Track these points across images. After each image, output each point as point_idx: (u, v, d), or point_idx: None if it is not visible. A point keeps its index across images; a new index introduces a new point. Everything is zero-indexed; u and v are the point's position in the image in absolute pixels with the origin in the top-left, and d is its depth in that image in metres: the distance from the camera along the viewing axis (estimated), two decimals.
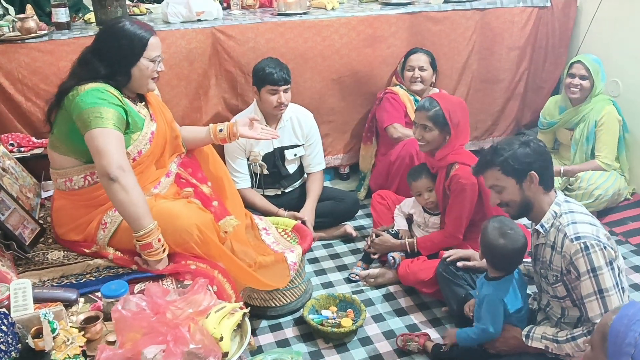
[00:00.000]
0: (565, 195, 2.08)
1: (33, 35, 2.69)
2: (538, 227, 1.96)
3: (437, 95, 2.65)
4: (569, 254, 1.82)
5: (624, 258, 2.83)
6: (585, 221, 1.87)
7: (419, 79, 3.19)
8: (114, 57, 1.97)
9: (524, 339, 1.97)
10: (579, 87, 3.12)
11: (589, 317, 1.82)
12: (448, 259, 2.37)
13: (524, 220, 2.12)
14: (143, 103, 2.14)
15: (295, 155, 3.01)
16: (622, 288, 1.84)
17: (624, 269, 1.90)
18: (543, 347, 1.92)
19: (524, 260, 2.10)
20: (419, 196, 2.67)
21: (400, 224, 2.76)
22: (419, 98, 3.23)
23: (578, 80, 3.12)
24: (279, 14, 3.18)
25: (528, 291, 2.11)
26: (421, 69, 3.18)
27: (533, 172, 1.91)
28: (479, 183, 2.42)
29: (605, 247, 1.79)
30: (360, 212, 3.27)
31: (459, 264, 2.33)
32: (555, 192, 1.99)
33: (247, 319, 1.75)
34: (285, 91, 2.81)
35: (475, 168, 2.08)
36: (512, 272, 2.03)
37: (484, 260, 2.07)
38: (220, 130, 2.30)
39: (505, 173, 1.95)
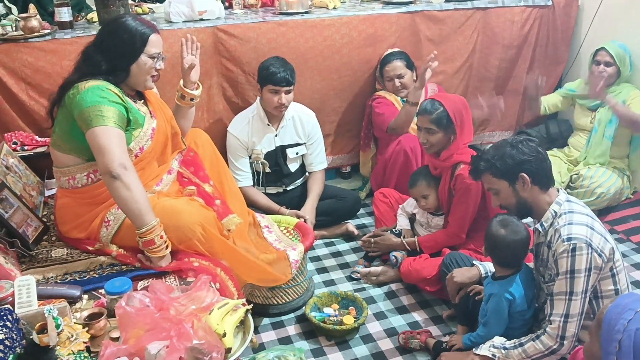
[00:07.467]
0: (568, 193, 2.07)
1: (36, 34, 2.70)
2: (537, 225, 1.96)
3: (439, 95, 2.62)
4: (557, 252, 1.82)
5: (626, 256, 2.83)
6: (582, 222, 1.84)
7: (400, 87, 3.15)
8: (115, 52, 1.99)
9: (464, 345, 2.02)
10: (604, 73, 3.09)
11: (550, 314, 1.82)
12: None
13: (526, 220, 2.11)
14: (142, 101, 2.15)
15: (297, 153, 3.02)
16: (617, 289, 1.85)
17: (623, 269, 1.89)
18: (490, 355, 1.91)
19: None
20: (417, 201, 2.69)
21: (403, 223, 2.76)
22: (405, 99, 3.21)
23: (603, 67, 3.10)
24: (281, 13, 3.18)
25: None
26: (399, 77, 3.13)
27: (523, 173, 1.90)
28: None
29: (592, 252, 1.78)
30: (362, 211, 3.28)
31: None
32: (558, 190, 1.97)
33: (249, 316, 1.76)
34: (287, 92, 2.81)
35: (471, 174, 2.10)
36: (516, 268, 2.03)
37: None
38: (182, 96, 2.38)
39: (496, 176, 1.95)
